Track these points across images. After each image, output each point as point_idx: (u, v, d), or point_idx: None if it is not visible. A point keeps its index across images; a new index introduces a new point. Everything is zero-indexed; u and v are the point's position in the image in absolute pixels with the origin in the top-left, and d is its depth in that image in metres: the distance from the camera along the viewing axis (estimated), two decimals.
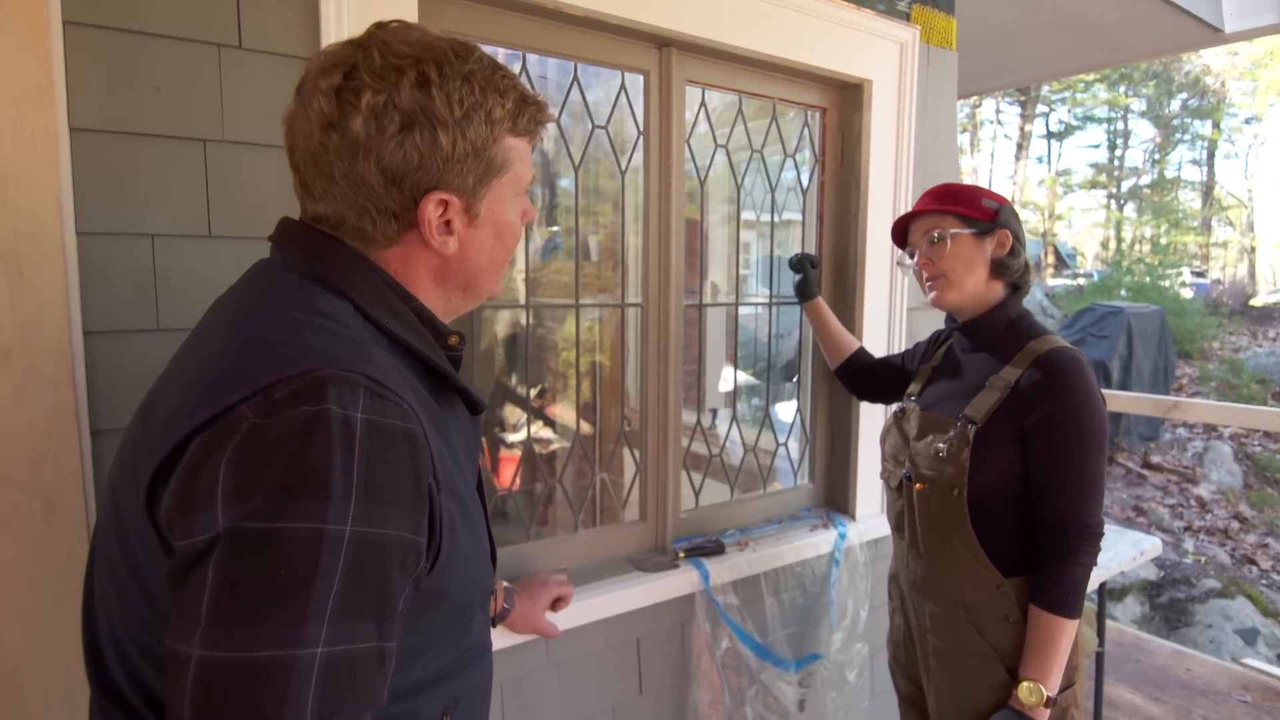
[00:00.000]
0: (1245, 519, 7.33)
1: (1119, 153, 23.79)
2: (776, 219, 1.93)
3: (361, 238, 0.70)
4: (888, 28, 1.88)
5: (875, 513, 2.01)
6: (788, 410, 2.05)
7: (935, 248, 1.38)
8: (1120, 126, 23.15)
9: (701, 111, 1.73)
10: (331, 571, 0.54)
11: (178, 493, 0.55)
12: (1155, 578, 5.68)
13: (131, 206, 1.05)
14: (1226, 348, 12.22)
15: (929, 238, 1.39)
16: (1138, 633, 3.64)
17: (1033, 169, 24.31)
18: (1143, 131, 23.60)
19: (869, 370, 1.75)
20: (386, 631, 0.58)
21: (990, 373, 1.34)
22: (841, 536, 1.90)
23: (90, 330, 1.03)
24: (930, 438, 1.37)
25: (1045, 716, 1.25)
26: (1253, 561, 6.54)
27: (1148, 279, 14.19)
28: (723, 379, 2.23)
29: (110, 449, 1.06)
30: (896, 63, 1.93)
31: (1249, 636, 4.94)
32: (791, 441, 2.03)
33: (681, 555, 1.68)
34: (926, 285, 1.41)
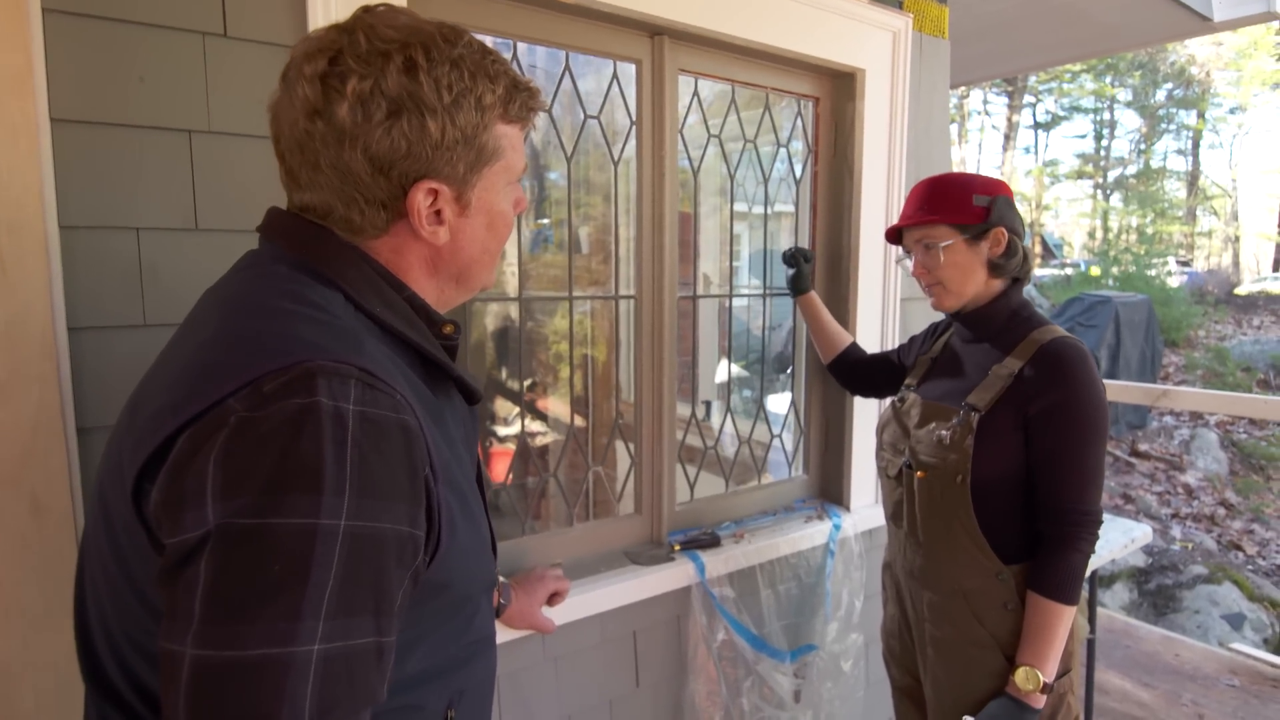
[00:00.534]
0: (1231, 505, 7.41)
1: (1105, 143, 23.94)
2: (769, 210, 1.93)
3: (350, 228, 0.69)
4: (881, 16, 1.87)
5: (869, 503, 2.02)
6: (781, 402, 2.05)
7: (929, 256, 1.37)
8: (1106, 117, 23.30)
9: (694, 102, 1.71)
10: (326, 567, 0.53)
11: (166, 489, 0.54)
12: (1144, 564, 5.74)
13: (116, 199, 1.03)
14: (1212, 336, 12.33)
15: (922, 245, 1.38)
16: (1127, 619, 3.67)
17: (1020, 159, 24.47)
18: (1129, 122, 23.78)
19: (863, 365, 1.75)
20: (384, 626, 0.57)
21: (992, 363, 1.34)
22: (836, 527, 1.90)
23: (75, 326, 1.01)
24: (933, 425, 1.37)
25: (1041, 702, 1.26)
26: (1238, 547, 6.61)
27: (1133, 269, 14.29)
28: (716, 371, 2.23)
29: (98, 446, 1.04)
30: (889, 52, 1.92)
31: (1235, 621, 5.00)
32: (785, 433, 2.02)
33: (677, 548, 1.68)
34: (925, 290, 1.42)
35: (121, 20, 1.02)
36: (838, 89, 1.94)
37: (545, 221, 2.05)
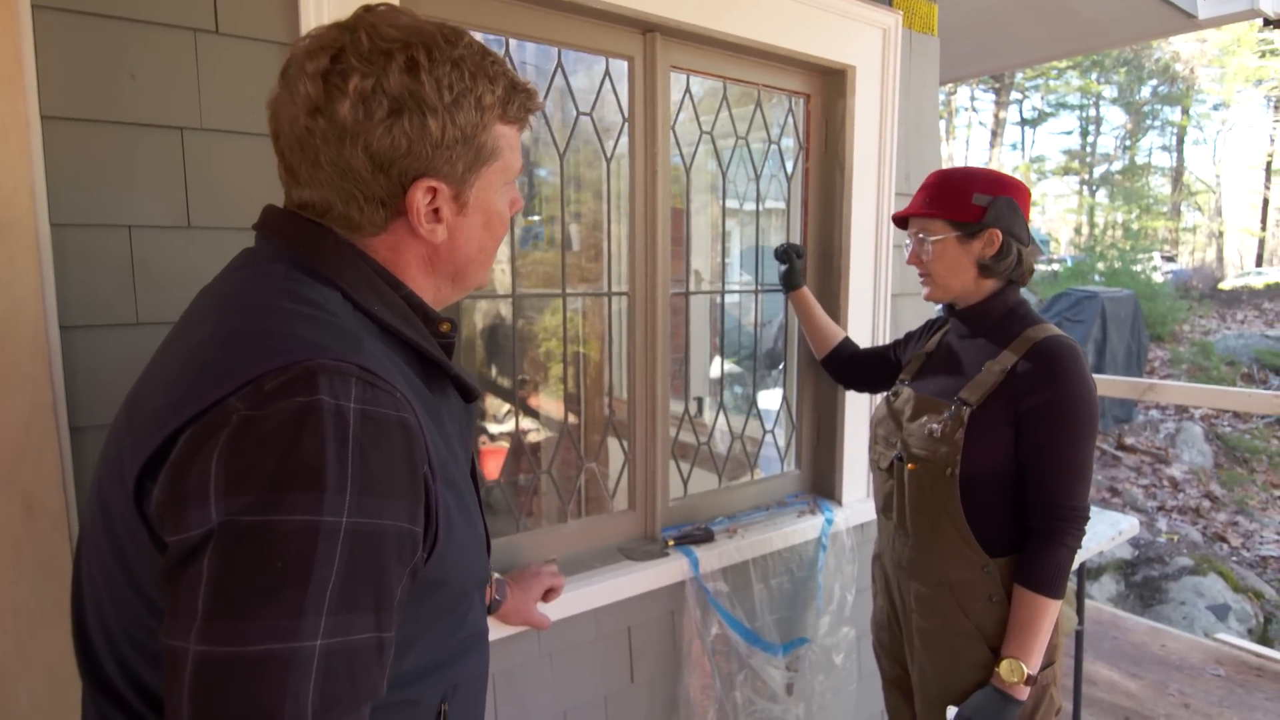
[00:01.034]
0: (1216, 498, 7.50)
1: (1091, 139, 24.11)
2: (760, 206, 1.93)
3: (348, 225, 0.69)
4: (871, 13, 1.88)
5: (861, 498, 2.03)
6: (773, 397, 2.06)
7: (922, 247, 1.40)
8: (1092, 113, 23.45)
9: (685, 98, 1.72)
10: (328, 563, 0.53)
11: (168, 487, 0.54)
12: (1130, 557, 5.80)
13: (108, 197, 1.03)
14: (1196, 331, 12.45)
15: (918, 235, 1.41)
16: (1114, 611, 3.71)
17: (1007, 156, 24.57)
18: (1114, 118, 23.91)
19: (857, 360, 1.76)
20: (385, 622, 0.57)
21: (986, 358, 1.36)
22: (828, 522, 1.92)
23: (67, 324, 1.01)
24: (925, 418, 1.38)
25: (1025, 694, 1.27)
26: (1223, 539, 6.70)
27: (1118, 264, 14.40)
28: (708, 367, 2.24)
29: (91, 445, 1.04)
30: (880, 48, 1.93)
31: (1220, 612, 5.07)
32: (777, 429, 2.03)
33: (671, 544, 1.69)
34: (919, 279, 1.44)
35: (112, 17, 1.01)
36: (829, 86, 1.94)
37: (536, 218, 2.05)
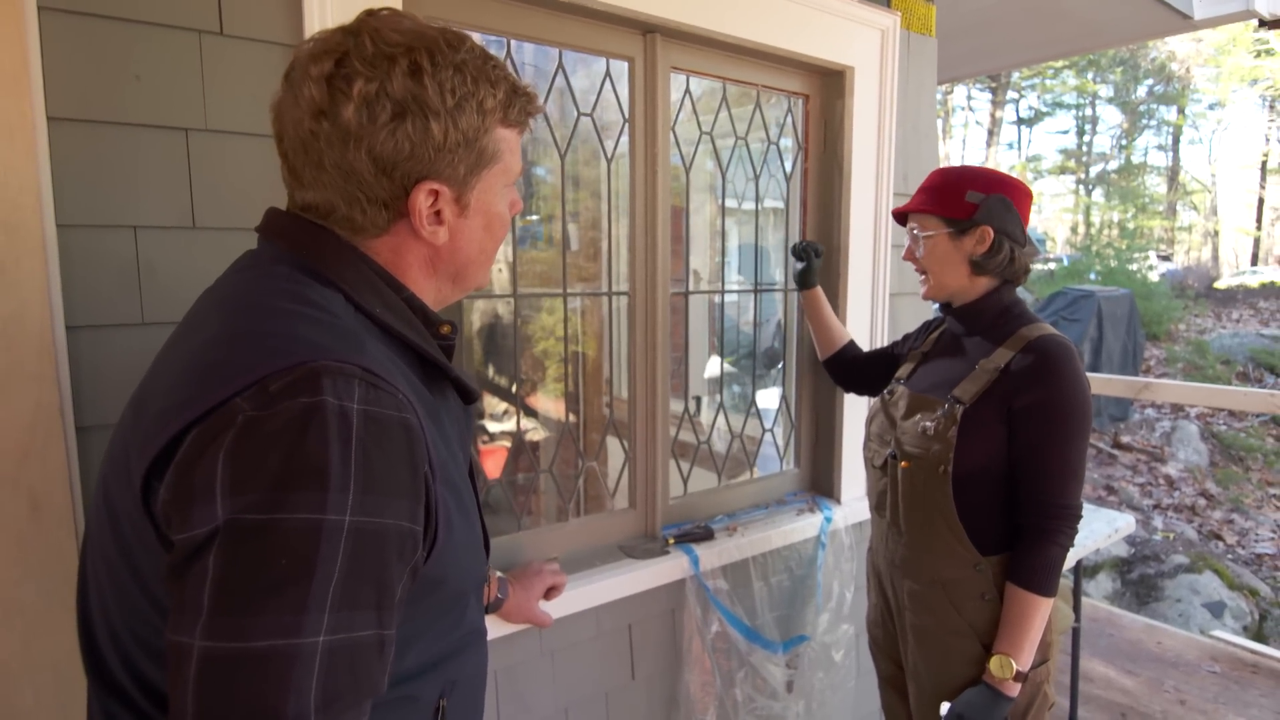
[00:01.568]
0: (1211, 496, 7.53)
1: (1087, 139, 24.16)
2: (759, 206, 1.94)
3: (351, 227, 0.70)
4: (869, 14, 1.89)
5: (859, 496, 2.04)
6: (772, 396, 2.07)
7: (917, 243, 1.41)
8: (1088, 113, 23.51)
9: (685, 99, 1.73)
10: (331, 561, 0.54)
11: (174, 486, 0.55)
12: (1126, 554, 5.82)
13: (113, 198, 1.03)
14: (1192, 330, 12.49)
15: (914, 231, 1.42)
16: (1110, 608, 3.73)
17: (1003, 155, 24.61)
18: (1110, 117, 23.99)
19: (859, 363, 1.75)
20: (386, 620, 0.58)
21: (981, 356, 1.36)
22: (827, 520, 1.93)
23: (73, 324, 1.01)
24: (918, 416, 1.39)
25: (1016, 691, 1.28)
26: (1219, 537, 6.73)
27: (1114, 263, 14.43)
28: (707, 366, 2.25)
29: (96, 445, 1.04)
30: (878, 49, 1.94)
31: (1216, 610, 5.09)
32: (776, 427, 2.04)
33: (671, 542, 1.70)
34: (918, 277, 1.46)
35: (117, 18, 1.01)
36: (827, 86, 1.95)
37: (535, 218, 2.05)
